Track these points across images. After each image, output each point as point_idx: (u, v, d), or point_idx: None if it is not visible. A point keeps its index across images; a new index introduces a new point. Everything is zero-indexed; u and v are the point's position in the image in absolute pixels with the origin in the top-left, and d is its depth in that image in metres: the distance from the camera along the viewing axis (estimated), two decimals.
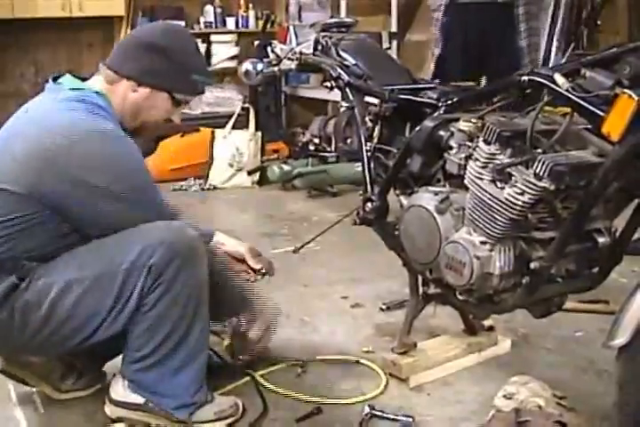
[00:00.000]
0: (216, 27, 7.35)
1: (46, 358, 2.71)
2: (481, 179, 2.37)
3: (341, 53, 3.17)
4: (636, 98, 2.03)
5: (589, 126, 2.26)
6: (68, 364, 2.76)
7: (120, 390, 2.55)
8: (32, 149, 2.30)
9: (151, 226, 2.42)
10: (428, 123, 2.62)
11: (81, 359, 2.77)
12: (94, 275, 2.35)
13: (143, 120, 2.55)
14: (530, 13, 5.02)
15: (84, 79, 2.55)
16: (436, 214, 2.54)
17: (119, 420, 2.57)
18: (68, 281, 2.34)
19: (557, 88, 2.23)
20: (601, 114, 2.13)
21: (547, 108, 2.33)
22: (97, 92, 2.47)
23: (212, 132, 6.45)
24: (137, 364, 2.47)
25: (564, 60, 4.63)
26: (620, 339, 2.00)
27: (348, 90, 3.06)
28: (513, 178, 2.27)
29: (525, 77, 2.34)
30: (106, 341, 2.45)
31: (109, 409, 2.59)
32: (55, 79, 2.52)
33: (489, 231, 2.36)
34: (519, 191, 2.24)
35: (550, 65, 5.61)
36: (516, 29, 5.00)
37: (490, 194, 2.33)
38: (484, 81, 2.97)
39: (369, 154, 2.95)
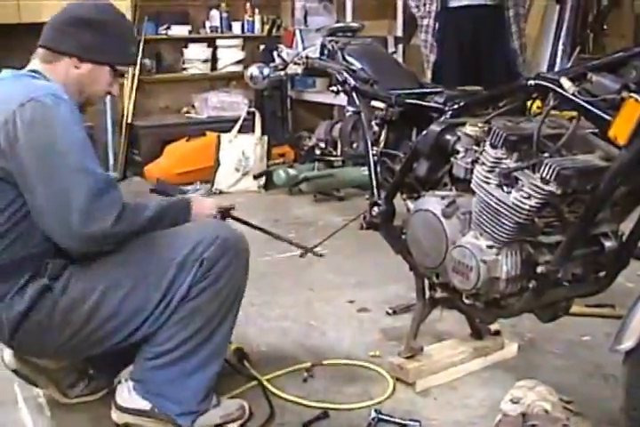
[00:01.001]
0: (222, 31, 7.36)
1: (63, 363, 2.72)
2: (488, 183, 2.37)
3: (347, 58, 3.18)
4: None
5: (596, 130, 2.26)
6: (81, 371, 2.77)
7: (126, 395, 2.55)
8: None
9: (203, 223, 2.51)
10: (435, 127, 2.63)
11: (96, 366, 2.78)
12: (145, 269, 2.37)
13: (88, 95, 2.54)
14: (519, 15, 5.06)
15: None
16: (442, 218, 2.55)
17: (125, 425, 2.58)
18: (115, 278, 2.35)
19: (564, 92, 2.24)
20: (608, 118, 2.13)
21: (553, 112, 2.34)
22: (34, 71, 2.47)
23: (218, 137, 6.46)
24: (154, 360, 2.46)
25: (569, 64, 4.64)
26: (627, 343, 2.00)
27: (354, 94, 3.06)
28: (520, 182, 2.28)
29: (532, 82, 2.35)
30: (127, 349, 2.47)
31: (116, 415, 2.59)
32: None
33: (496, 235, 2.37)
34: (526, 195, 2.24)
35: (556, 69, 5.63)
36: (508, 31, 5.03)
37: (496, 198, 2.34)
38: None
39: (375, 158, 2.95)
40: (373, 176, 2.96)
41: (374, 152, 2.95)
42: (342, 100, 3.32)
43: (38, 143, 2.25)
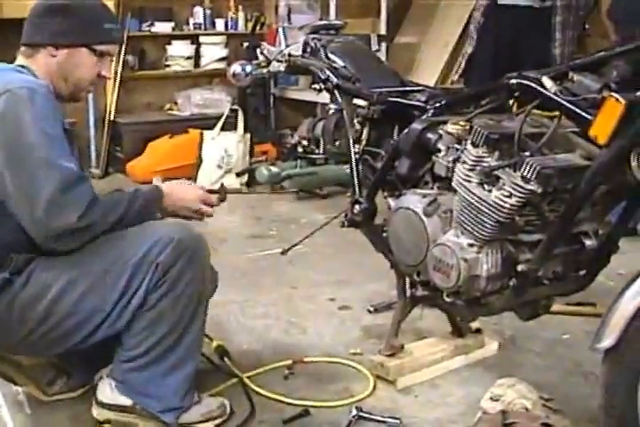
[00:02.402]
0: (205, 28, 7.32)
1: (39, 360, 2.70)
2: (469, 181, 2.37)
3: (330, 56, 3.18)
4: (624, 101, 2.04)
5: (577, 129, 2.27)
6: (59, 368, 2.75)
7: (107, 391, 2.54)
8: None
9: (160, 223, 2.46)
10: (417, 125, 2.63)
11: (74, 365, 2.76)
12: (101, 269, 2.35)
13: (75, 82, 2.52)
14: (566, 22, 5.01)
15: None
16: (423, 217, 2.55)
17: (107, 422, 2.57)
18: (73, 276, 2.33)
19: (545, 91, 2.24)
20: (588, 117, 2.14)
21: (535, 111, 2.34)
22: (21, 66, 2.47)
23: (201, 134, 6.44)
24: (129, 363, 2.46)
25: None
26: (607, 341, 2.01)
27: (336, 92, 3.06)
28: (500, 181, 2.28)
29: (514, 80, 2.35)
30: (103, 347, 2.46)
31: (97, 411, 2.58)
32: None
33: (476, 234, 2.37)
34: (506, 194, 2.24)
35: None
36: (551, 37, 4.99)
37: (477, 196, 2.34)
38: None
39: (357, 156, 2.95)
40: (355, 174, 2.95)
41: (356, 150, 2.95)
42: (325, 97, 3.32)
43: (7, 135, 2.25)
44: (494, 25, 5.06)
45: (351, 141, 2.96)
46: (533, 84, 2.29)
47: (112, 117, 6.85)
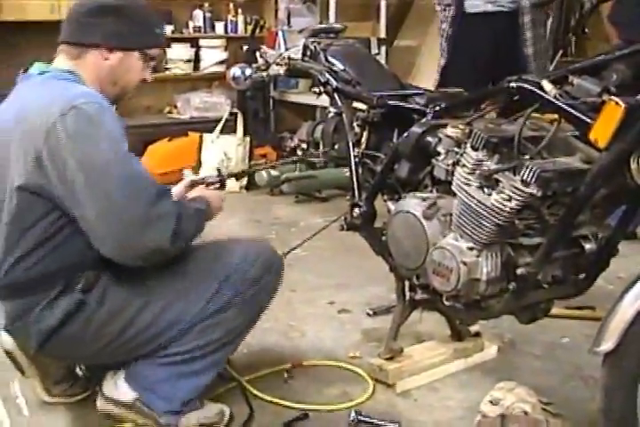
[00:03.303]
0: (205, 31, 7.33)
1: (56, 361, 2.69)
2: (468, 185, 2.37)
3: (330, 59, 3.18)
4: (623, 105, 2.04)
5: (577, 133, 2.27)
6: (70, 371, 2.75)
7: (112, 385, 2.55)
8: (18, 142, 2.25)
9: (246, 243, 2.54)
10: (416, 129, 2.63)
11: (85, 371, 2.77)
12: (186, 285, 2.38)
13: (123, 86, 2.47)
14: (535, 20, 4.98)
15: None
16: (423, 220, 2.54)
17: (107, 415, 2.59)
18: (155, 292, 2.36)
19: (545, 95, 2.24)
20: (588, 121, 2.13)
21: (535, 114, 2.34)
22: (68, 71, 2.38)
23: (201, 137, 6.45)
24: (159, 358, 2.45)
25: (551, 68, 4.63)
26: (606, 345, 2.00)
27: (336, 95, 3.06)
28: (500, 184, 2.28)
29: (514, 84, 2.34)
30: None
31: (100, 403, 2.59)
32: (26, 70, 2.46)
33: (476, 237, 2.37)
34: (506, 197, 2.24)
35: None
36: (521, 37, 4.97)
37: (477, 200, 2.34)
38: None
39: (357, 159, 2.95)
40: (354, 177, 2.95)
41: (356, 153, 2.95)
42: (324, 101, 3.32)
43: (85, 157, 2.17)
44: (467, 35, 5.04)
45: (350, 145, 2.96)
46: (533, 88, 2.28)
47: None
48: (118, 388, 2.53)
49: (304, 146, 6.80)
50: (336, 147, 3.14)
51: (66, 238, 2.28)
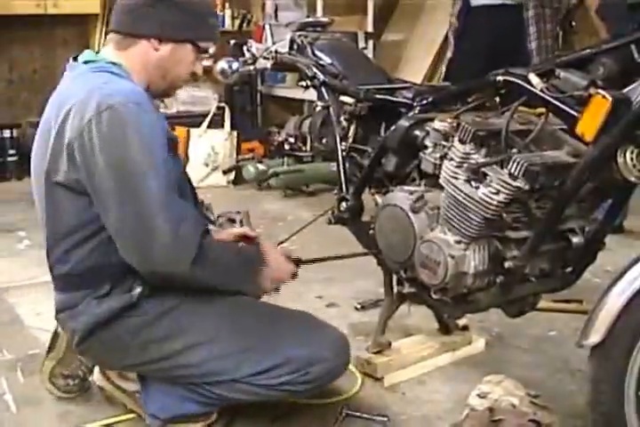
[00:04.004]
0: None
1: (86, 360, 2.68)
2: (456, 178, 2.37)
3: (317, 53, 3.17)
4: (610, 98, 2.04)
5: (565, 126, 2.27)
6: (83, 371, 2.72)
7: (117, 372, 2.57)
8: (56, 136, 2.22)
9: (329, 328, 2.48)
10: (404, 122, 2.63)
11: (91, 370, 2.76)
12: (250, 343, 2.31)
13: (172, 79, 2.41)
14: (539, 15, 4.96)
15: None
16: (410, 213, 2.54)
17: (100, 388, 2.63)
18: (217, 336, 2.31)
19: (532, 88, 2.24)
20: (575, 114, 2.14)
21: (523, 108, 2.34)
22: (111, 63, 2.31)
23: (188, 132, 6.44)
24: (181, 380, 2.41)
25: (536, 61, 4.62)
26: (593, 338, 2.01)
27: (323, 89, 3.05)
28: (488, 177, 2.28)
29: (500, 77, 2.35)
30: None
31: (98, 376, 2.61)
32: (75, 58, 2.39)
33: (463, 230, 2.37)
34: (494, 191, 2.24)
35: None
36: (525, 32, 4.95)
37: (465, 193, 2.34)
38: None
39: (344, 153, 2.95)
40: (342, 171, 2.95)
41: (343, 147, 2.95)
42: (312, 95, 3.32)
43: (116, 162, 2.13)
44: (471, 28, 5.04)
45: (338, 139, 2.96)
46: (519, 81, 2.29)
47: None
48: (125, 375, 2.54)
49: (291, 140, 6.81)
50: (323, 141, 3.13)
51: (104, 234, 2.24)
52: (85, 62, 2.35)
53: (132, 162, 2.13)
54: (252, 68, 3.43)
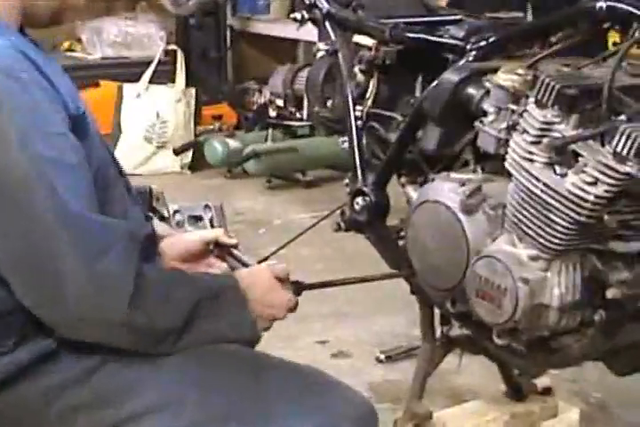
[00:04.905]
0: None
1: None
2: (531, 161, 2.36)
3: None
4: None
5: None
6: None
7: None
8: None
9: (340, 394, 2.41)
10: (451, 75, 2.63)
11: None
12: (217, 415, 2.27)
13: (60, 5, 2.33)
14: None
15: None
16: (461, 215, 2.54)
17: None
18: (167, 402, 2.27)
19: None
20: None
21: (637, 50, 2.34)
22: None
23: (119, 89, 6.47)
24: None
25: None
26: None
27: (327, 24, 3.06)
28: (580, 159, 2.27)
29: (602, 3, 2.34)
30: None
31: None
32: None
33: (543, 241, 2.36)
34: (590, 180, 2.23)
35: None
36: None
37: (545, 184, 2.33)
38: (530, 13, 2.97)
39: (360, 123, 2.95)
40: (357, 150, 2.96)
41: (358, 114, 2.95)
42: (310, 33, 3.31)
43: None
44: None
45: (350, 101, 2.96)
46: (634, 9, 2.28)
47: None
48: None
49: (279, 102, 6.83)
50: (328, 104, 3.14)
51: None
52: None
53: (9, 168, 2.08)
54: None
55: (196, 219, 2.84)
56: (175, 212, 2.84)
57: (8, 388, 2.25)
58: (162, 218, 2.73)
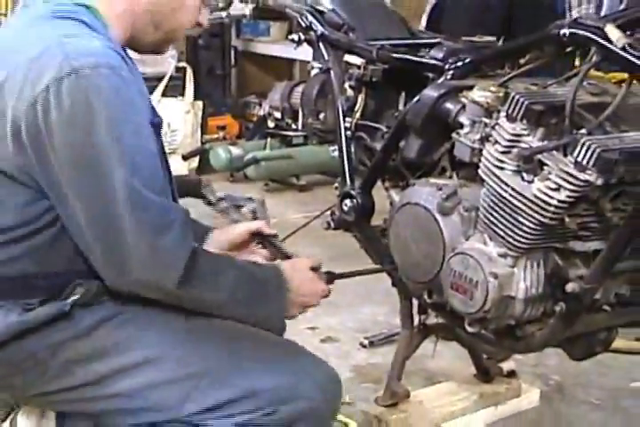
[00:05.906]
0: None
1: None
2: (502, 168, 2.36)
3: None
4: None
5: None
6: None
7: None
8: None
9: (308, 361, 2.44)
10: (431, 92, 2.62)
11: None
12: (204, 369, 2.29)
13: (168, 30, 2.36)
14: None
15: None
16: (438, 216, 2.54)
17: None
18: (167, 355, 2.29)
19: (610, 45, 2.23)
20: None
21: (595, 72, 2.33)
22: (82, 5, 2.22)
23: None
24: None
25: (622, 6, 4.61)
26: None
27: (321, 45, 3.06)
28: (545, 168, 2.27)
29: (566, 30, 2.33)
30: None
31: None
32: None
33: (511, 240, 2.36)
34: (554, 186, 2.23)
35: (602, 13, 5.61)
36: None
37: (513, 189, 2.33)
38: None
39: (349, 133, 2.95)
40: (346, 158, 2.95)
41: (347, 125, 2.95)
42: (306, 53, 3.31)
43: (78, 147, 2.08)
44: None
45: (340, 113, 2.96)
46: (594, 36, 2.28)
47: None
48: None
49: (277, 115, 6.82)
50: (321, 116, 3.14)
51: (51, 240, 2.22)
52: (46, 2, 2.26)
53: (101, 148, 2.08)
54: (224, 14, 3.43)
55: (238, 207, 2.85)
56: (220, 199, 2.86)
57: (22, 339, 2.25)
58: (208, 203, 2.82)
